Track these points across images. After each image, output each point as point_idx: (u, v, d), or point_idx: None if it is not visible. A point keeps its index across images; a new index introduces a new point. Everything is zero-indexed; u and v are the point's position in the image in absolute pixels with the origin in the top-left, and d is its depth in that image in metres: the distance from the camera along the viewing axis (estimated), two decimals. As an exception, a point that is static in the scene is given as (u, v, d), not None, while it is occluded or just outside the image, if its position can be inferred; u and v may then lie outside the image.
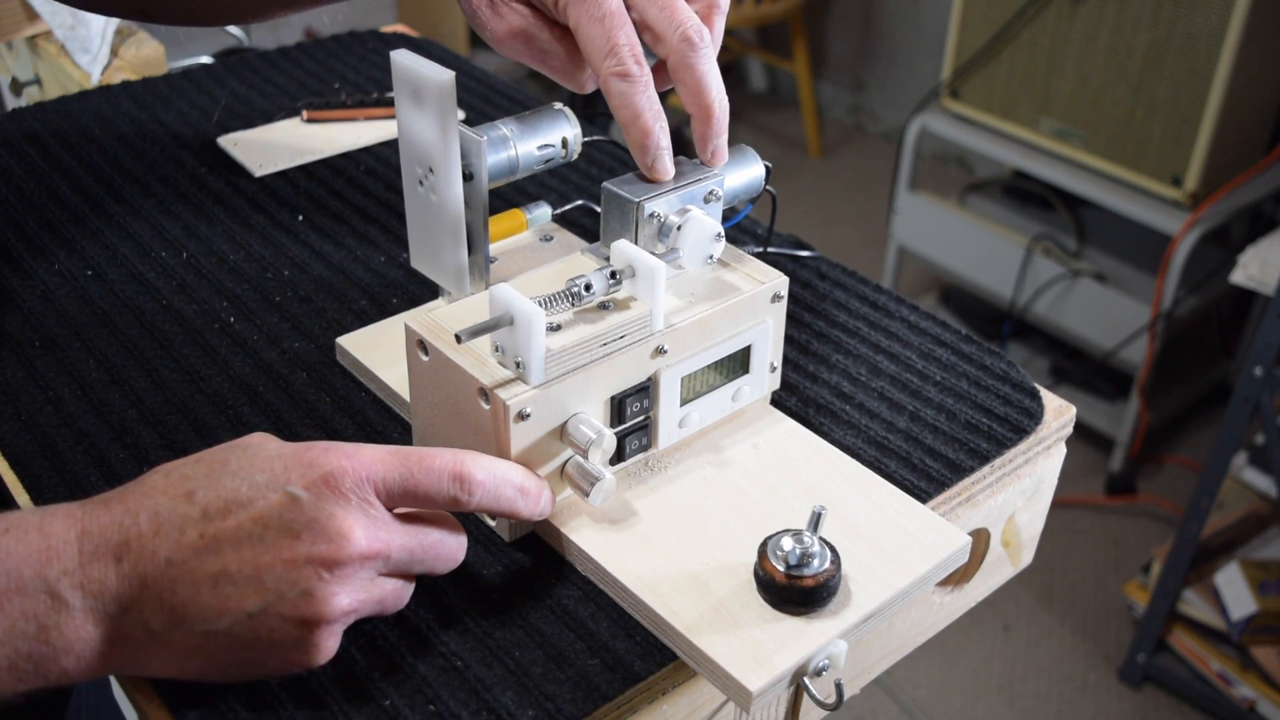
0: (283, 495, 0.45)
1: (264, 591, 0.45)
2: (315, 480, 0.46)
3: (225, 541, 0.45)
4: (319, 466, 0.46)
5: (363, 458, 0.47)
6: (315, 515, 0.45)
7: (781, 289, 0.60)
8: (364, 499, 0.47)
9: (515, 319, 0.51)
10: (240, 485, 0.46)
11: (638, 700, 0.51)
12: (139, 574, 0.44)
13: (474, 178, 0.58)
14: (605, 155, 0.92)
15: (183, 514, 0.45)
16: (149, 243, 0.80)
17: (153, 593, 0.44)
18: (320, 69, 1.06)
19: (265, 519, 0.45)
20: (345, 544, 0.46)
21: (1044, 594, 2.04)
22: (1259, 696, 1.74)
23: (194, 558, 0.44)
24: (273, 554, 0.45)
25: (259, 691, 0.49)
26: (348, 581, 0.46)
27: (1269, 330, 1.52)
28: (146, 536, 0.45)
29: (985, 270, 2.34)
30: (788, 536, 0.52)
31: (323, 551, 0.45)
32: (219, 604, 0.45)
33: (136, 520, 0.45)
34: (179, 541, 0.45)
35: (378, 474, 0.47)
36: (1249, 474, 1.96)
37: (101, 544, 0.44)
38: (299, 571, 0.45)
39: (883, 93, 3.40)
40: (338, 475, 0.46)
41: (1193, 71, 1.92)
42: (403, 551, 0.48)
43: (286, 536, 0.45)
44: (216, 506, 0.45)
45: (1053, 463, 0.67)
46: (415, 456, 0.49)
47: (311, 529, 0.45)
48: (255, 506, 0.45)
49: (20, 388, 0.66)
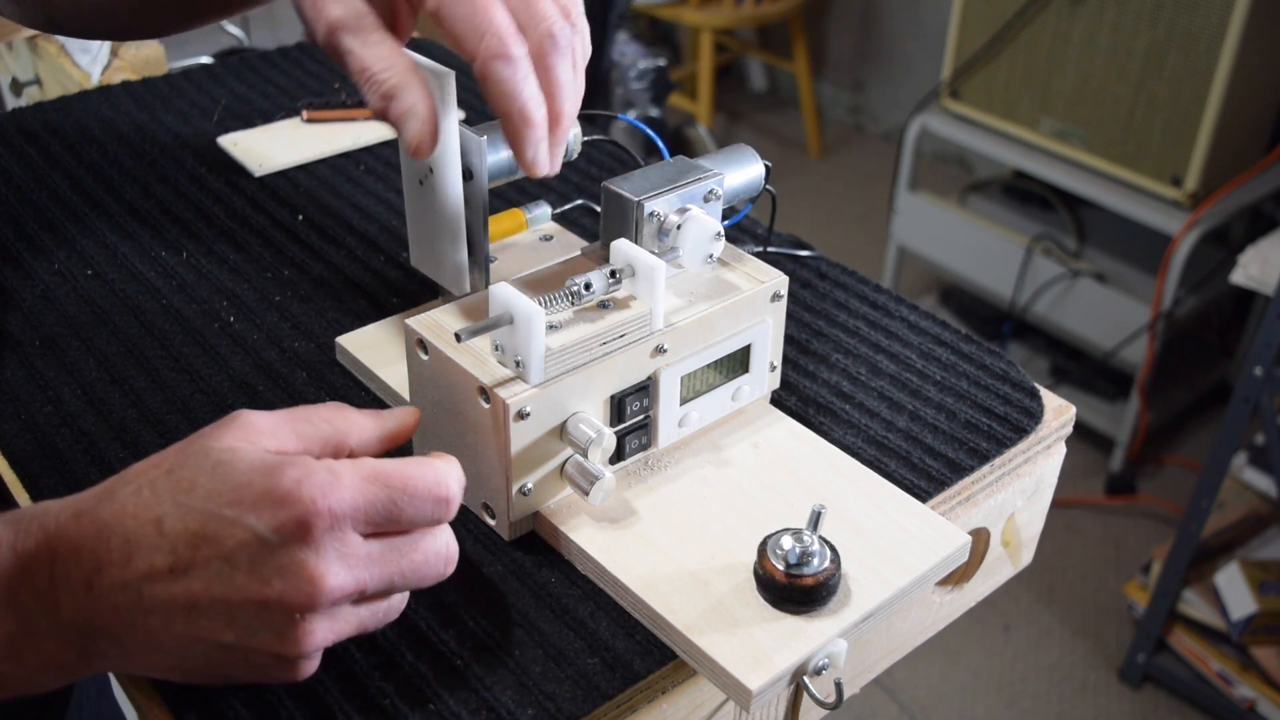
0: (250, 535, 0.43)
1: (236, 626, 0.44)
2: (286, 522, 0.43)
3: (195, 574, 0.43)
4: (291, 506, 0.43)
5: (340, 494, 0.44)
6: (283, 561, 0.43)
7: (781, 288, 0.60)
8: (338, 539, 0.44)
9: (515, 318, 0.51)
10: (207, 519, 0.43)
11: (637, 699, 0.51)
12: (111, 603, 0.43)
13: (474, 177, 0.58)
14: (605, 155, 0.92)
15: (152, 542, 0.43)
16: (149, 243, 0.80)
17: (126, 620, 0.43)
18: (320, 69, 1.06)
19: (233, 559, 0.43)
20: (316, 590, 0.43)
21: (1044, 594, 2.04)
22: (1259, 696, 1.74)
23: (165, 587, 0.43)
24: (242, 594, 0.43)
25: (259, 691, 0.49)
26: (321, 620, 0.45)
27: (1269, 330, 1.52)
28: (117, 566, 0.43)
29: (985, 270, 2.34)
30: (787, 535, 0.52)
31: (293, 597, 0.43)
32: (192, 633, 0.43)
33: (108, 546, 0.43)
34: (150, 569, 0.43)
35: (358, 508, 0.45)
36: (1249, 474, 1.96)
37: (73, 568, 0.43)
38: (270, 613, 0.43)
39: (883, 93, 3.40)
40: (310, 519, 0.43)
41: (1193, 71, 1.92)
42: (381, 583, 0.46)
43: (255, 580, 0.43)
44: (184, 539, 0.43)
45: (1053, 462, 0.67)
46: (398, 481, 0.46)
47: (280, 574, 0.43)
48: (223, 544, 0.43)
49: (20, 388, 0.66)
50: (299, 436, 0.47)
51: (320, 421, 0.48)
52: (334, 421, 0.49)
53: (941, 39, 2.35)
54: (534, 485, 0.55)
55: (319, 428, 0.48)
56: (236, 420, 0.47)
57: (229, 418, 0.47)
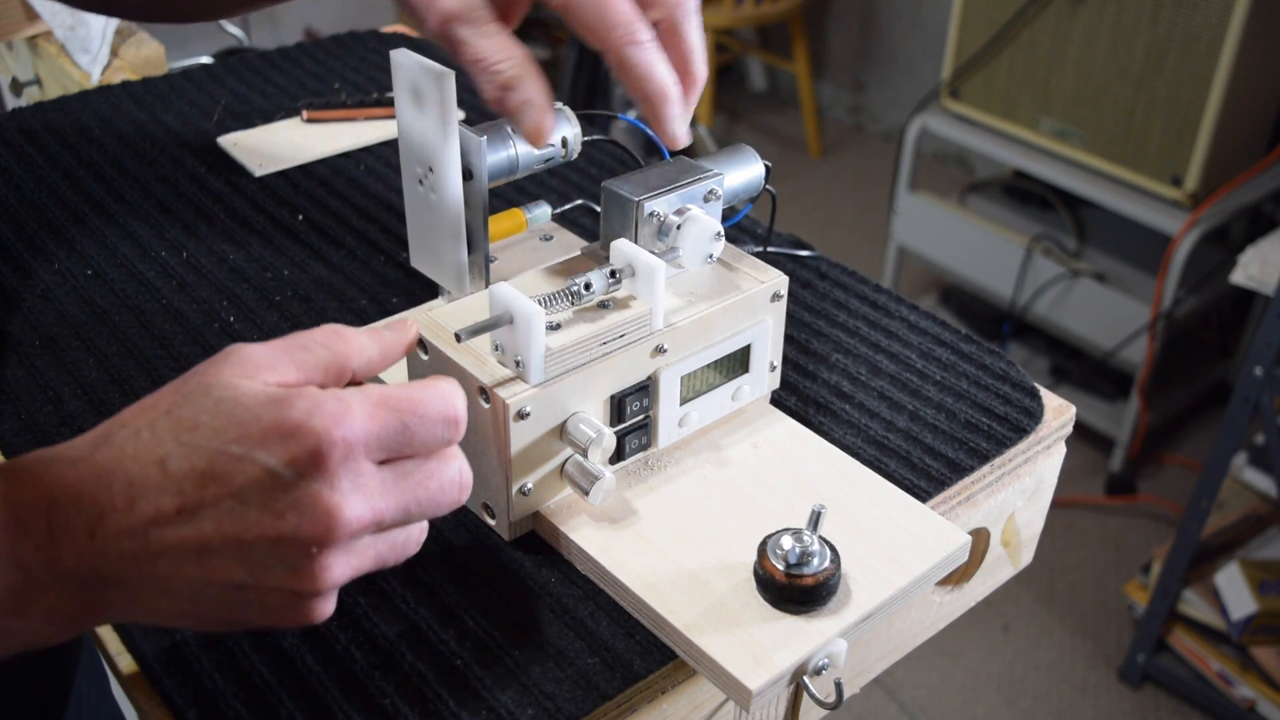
0: (261, 470, 0.41)
1: (250, 565, 0.42)
2: (299, 455, 0.41)
3: (205, 513, 0.41)
4: (302, 438, 0.42)
5: (352, 421, 0.43)
6: (298, 495, 0.42)
7: (781, 288, 0.60)
8: (353, 469, 0.43)
9: (515, 318, 0.51)
10: (214, 456, 0.42)
11: (637, 699, 0.51)
12: (117, 550, 0.41)
13: (474, 177, 0.58)
14: (605, 155, 0.92)
15: (157, 484, 0.41)
16: (149, 243, 0.80)
17: (132, 566, 0.42)
18: (320, 69, 1.06)
19: (244, 495, 0.41)
20: (333, 522, 0.42)
21: (1044, 594, 2.04)
22: (1259, 696, 1.74)
23: (173, 529, 0.41)
24: (256, 531, 0.42)
25: (259, 691, 0.49)
26: (338, 554, 0.43)
27: (1269, 330, 1.52)
28: (121, 511, 0.41)
29: (985, 270, 2.34)
30: (787, 535, 0.52)
31: (309, 531, 0.42)
32: (204, 575, 0.42)
33: (110, 492, 0.41)
34: (156, 513, 0.41)
35: (371, 434, 0.43)
36: (1249, 474, 1.96)
37: (74, 516, 0.41)
38: (285, 548, 0.42)
39: (883, 93, 3.40)
40: (324, 450, 0.42)
41: (1193, 71, 1.92)
42: (398, 513, 0.45)
43: (269, 515, 0.42)
44: (191, 479, 0.41)
45: (1052, 462, 0.67)
46: (407, 405, 0.45)
47: (295, 509, 0.42)
48: (233, 481, 0.41)
49: (20, 388, 0.66)
50: (299, 365, 0.46)
51: (318, 347, 0.47)
52: (332, 345, 0.47)
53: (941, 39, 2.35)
54: (534, 485, 0.55)
55: (318, 354, 0.46)
56: (232, 355, 0.45)
57: (224, 353, 0.45)
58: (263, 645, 0.51)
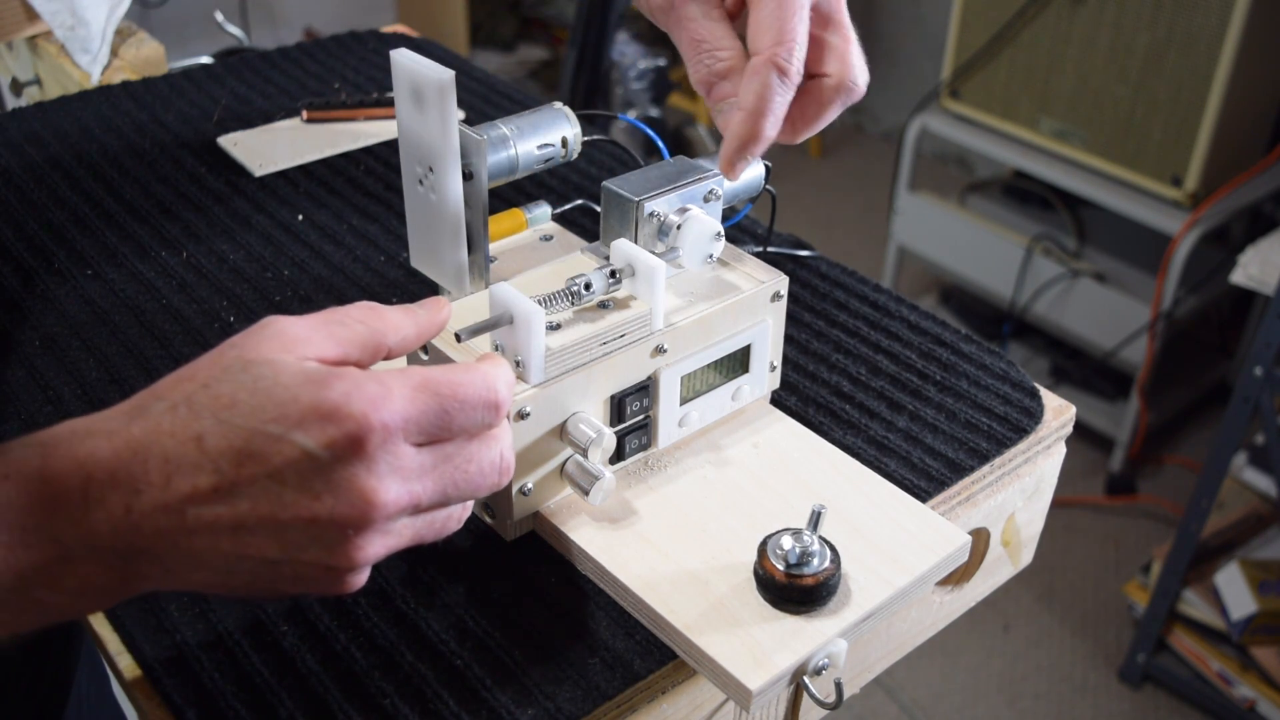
0: (299, 452, 0.41)
1: (285, 544, 0.42)
2: (337, 438, 0.41)
3: (241, 492, 0.41)
4: (341, 421, 0.41)
5: (392, 405, 0.42)
6: (335, 477, 0.42)
7: (781, 288, 0.60)
8: (391, 452, 0.43)
9: (515, 318, 0.51)
10: (252, 435, 0.41)
11: (637, 699, 0.51)
12: (153, 526, 0.41)
13: (474, 177, 0.58)
14: (605, 155, 0.92)
15: (194, 461, 0.41)
16: (149, 243, 0.80)
17: (168, 542, 0.42)
18: (320, 69, 1.06)
19: (281, 475, 0.41)
20: (370, 506, 0.42)
21: (1044, 594, 2.04)
22: (1259, 696, 1.74)
23: (209, 508, 0.41)
24: (291, 511, 0.42)
25: (259, 691, 0.49)
26: (375, 535, 0.44)
27: (1269, 330, 1.52)
28: (157, 488, 0.41)
29: (985, 270, 2.34)
30: (787, 535, 0.52)
31: (345, 514, 0.42)
32: (239, 550, 0.42)
33: (146, 468, 0.41)
34: (192, 490, 0.41)
35: (410, 418, 0.43)
36: (1249, 474, 1.96)
37: (109, 491, 0.41)
38: (321, 529, 0.42)
39: (883, 93, 3.40)
40: (363, 435, 0.42)
41: (1193, 71, 1.92)
42: (436, 495, 0.45)
43: (306, 495, 0.41)
44: (228, 457, 0.41)
45: (1052, 462, 0.67)
46: (448, 389, 0.44)
47: (333, 491, 0.42)
48: (270, 461, 0.41)
49: (20, 388, 0.66)
50: (336, 341, 0.45)
51: (355, 323, 0.46)
52: (369, 322, 0.47)
53: (941, 39, 2.35)
54: (534, 485, 0.55)
55: (355, 330, 0.46)
56: (270, 328, 0.44)
57: (261, 324, 0.45)
58: (263, 645, 0.51)
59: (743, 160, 0.57)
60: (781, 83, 0.55)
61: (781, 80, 0.55)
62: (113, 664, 0.52)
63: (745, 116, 0.56)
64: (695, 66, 0.57)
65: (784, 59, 0.54)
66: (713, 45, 0.56)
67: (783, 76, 0.55)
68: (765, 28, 0.55)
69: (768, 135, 0.56)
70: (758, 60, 0.55)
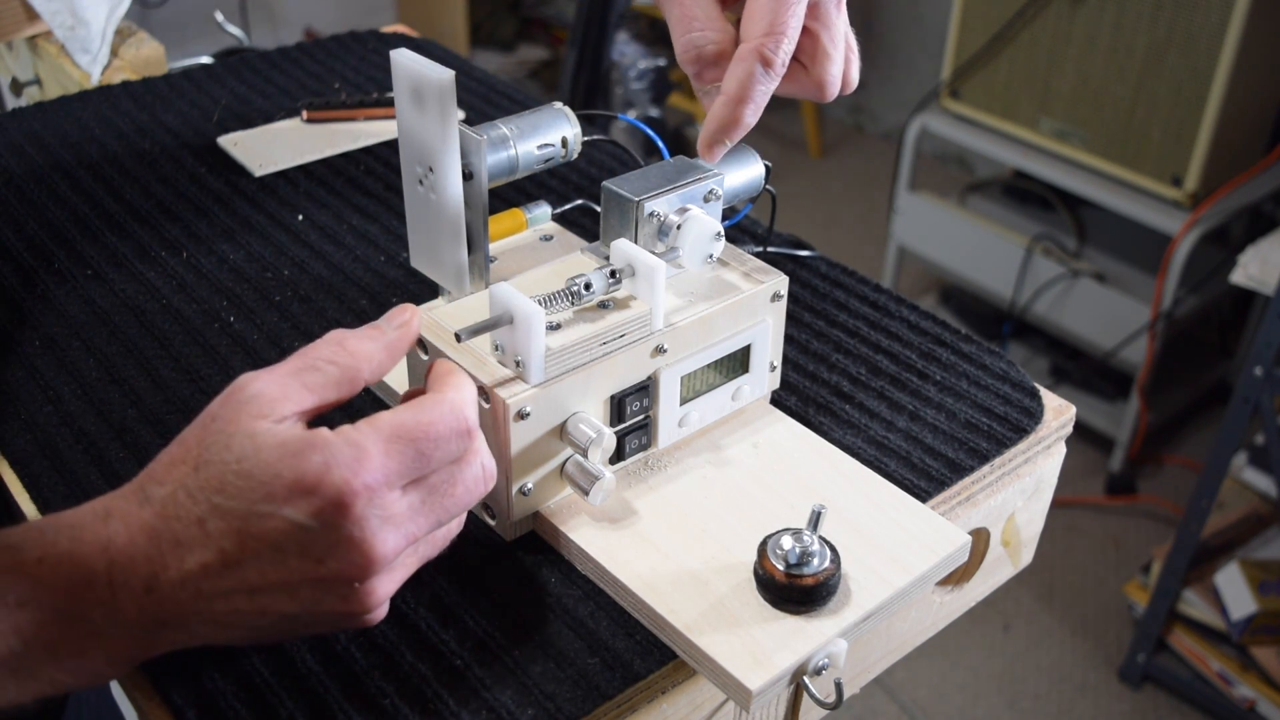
0: (291, 525, 0.43)
1: (300, 600, 0.45)
2: (323, 508, 0.43)
3: (248, 564, 0.44)
4: (324, 491, 0.43)
5: (370, 464, 0.44)
6: (331, 541, 0.44)
7: (781, 288, 0.60)
8: (378, 507, 0.44)
9: (515, 318, 0.51)
10: (245, 517, 0.43)
11: (637, 699, 0.51)
12: (173, 600, 0.44)
13: (474, 177, 0.58)
14: (605, 155, 0.92)
15: (200, 542, 0.43)
16: (149, 242, 0.80)
17: (190, 611, 0.44)
18: (320, 69, 1.06)
19: (281, 546, 0.43)
20: (369, 561, 0.44)
21: (1044, 594, 2.04)
22: (1259, 696, 1.74)
23: (221, 580, 0.44)
24: (298, 575, 0.44)
25: (259, 691, 0.49)
26: (381, 579, 0.46)
27: (1269, 330, 1.52)
28: (172, 568, 0.43)
29: (985, 270, 2.34)
30: (787, 535, 0.52)
31: (349, 571, 0.44)
32: (257, 609, 0.44)
33: (160, 550, 0.44)
34: (202, 567, 0.43)
35: (390, 472, 0.45)
36: (1249, 474, 1.96)
37: (130, 575, 0.43)
38: (329, 585, 0.45)
39: (883, 93, 3.40)
40: (348, 500, 0.43)
41: (1193, 71, 1.92)
42: (430, 527, 0.47)
43: (309, 561, 0.44)
44: (229, 537, 0.43)
45: (1053, 462, 0.67)
46: (420, 431, 0.46)
47: (332, 554, 0.44)
48: (268, 537, 0.43)
49: (20, 388, 0.66)
50: (310, 389, 0.46)
51: (327, 365, 0.47)
52: (339, 360, 0.48)
53: (941, 39, 2.35)
54: (534, 485, 0.55)
55: (327, 373, 0.47)
56: (243, 393, 0.46)
57: (235, 389, 0.46)
58: (263, 645, 0.51)
59: (720, 144, 0.58)
60: (765, 73, 0.55)
61: (765, 71, 0.55)
62: (113, 664, 0.52)
63: (726, 101, 0.56)
64: (680, 41, 0.57)
65: (770, 50, 0.55)
66: (702, 24, 0.57)
67: (767, 67, 0.55)
68: (758, 17, 0.55)
69: (747, 122, 0.57)
70: (745, 48, 0.55)
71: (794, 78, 0.59)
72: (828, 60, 0.59)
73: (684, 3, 0.58)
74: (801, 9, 0.56)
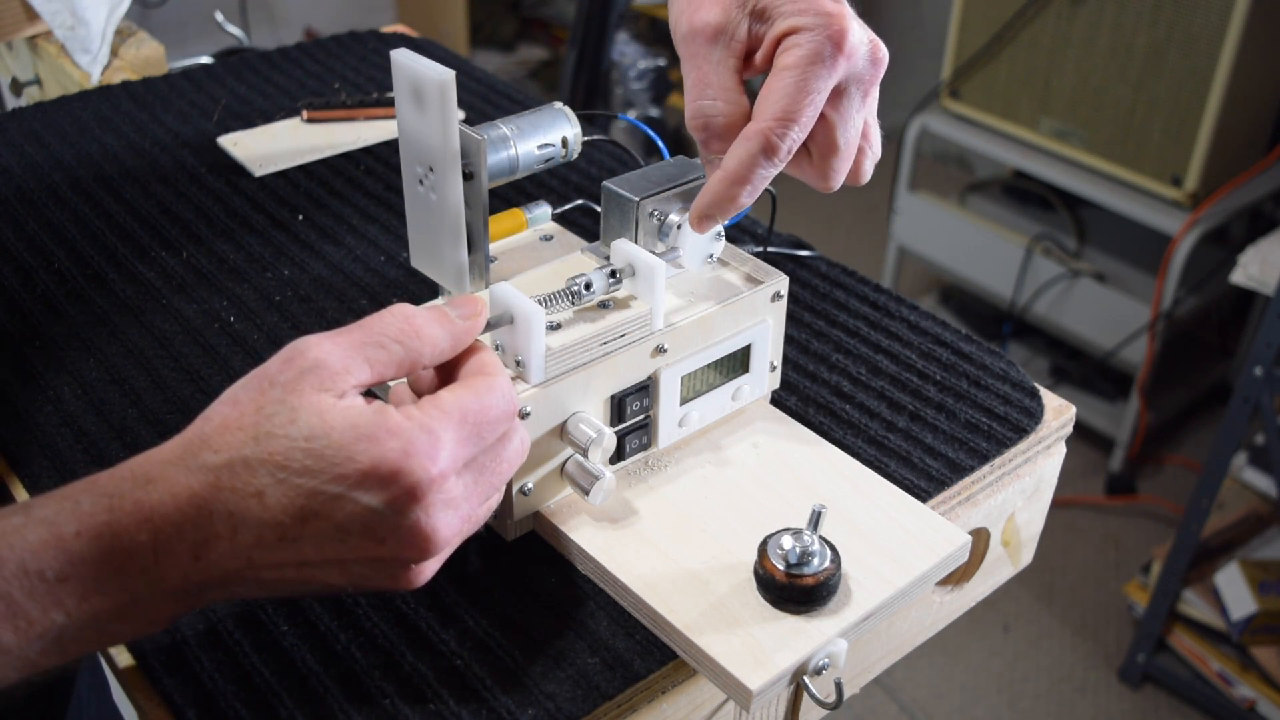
0: (361, 507, 0.43)
1: (349, 574, 0.45)
2: (399, 496, 0.43)
3: (306, 540, 0.43)
4: (402, 480, 0.43)
5: (444, 453, 0.44)
6: (398, 525, 0.44)
7: (781, 288, 0.60)
8: (444, 492, 0.45)
9: (515, 318, 0.51)
10: (312, 495, 0.43)
11: (637, 699, 0.51)
12: (221, 568, 0.43)
13: (474, 177, 0.58)
14: (605, 155, 0.92)
15: (257, 517, 0.43)
16: (149, 242, 0.80)
17: (236, 576, 0.44)
18: (320, 69, 1.06)
19: (345, 527, 0.43)
20: (430, 543, 0.45)
21: (1044, 594, 2.04)
22: (1259, 696, 1.74)
23: (275, 553, 0.43)
24: (356, 553, 0.44)
25: (259, 691, 0.49)
26: (434, 560, 0.47)
27: (1269, 330, 1.52)
28: (225, 539, 0.43)
29: (985, 270, 2.34)
30: (788, 535, 0.52)
31: (408, 553, 0.45)
32: (304, 578, 0.45)
33: (211, 521, 0.43)
34: (258, 540, 0.43)
35: (457, 459, 0.45)
36: (1249, 474, 1.96)
37: (177, 544, 0.42)
38: (384, 565, 0.45)
39: (883, 93, 3.40)
40: (422, 489, 0.44)
41: (1193, 71, 1.92)
42: (480, 505, 0.48)
43: (370, 541, 0.44)
44: (290, 513, 0.43)
45: (1053, 462, 0.67)
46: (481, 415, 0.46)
47: (395, 535, 0.44)
48: (333, 517, 0.43)
49: (20, 388, 0.66)
50: (372, 365, 0.46)
51: (392, 344, 0.47)
52: (406, 342, 0.47)
53: (941, 39, 2.34)
54: (534, 485, 0.55)
55: (392, 352, 0.47)
56: (304, 359, 0.45)
57: (295, 354, 0.45)
58: (263, 645, 0.51)
59: (711, 220, 0.56)
60: (767, 159, 0.54)
61: (768, 158, 0.54)
62: (112, 663, 0.52)
63: (724, 179, 0.55)
64: (691, 106, 0.56)
65: (777, 137, 0.53)
66: (715, 93, 0.55)
67: (771, 154, 0.53)
68: (775, 99, 0.53)
69: (742, 203, 0.55)
70: (753, 128, 0.54)
71: (799, 162, 0.58)
72: (834, 156, 0.57)
73: (702, 67, 0.56)
74: (821, 99, 0.54)
